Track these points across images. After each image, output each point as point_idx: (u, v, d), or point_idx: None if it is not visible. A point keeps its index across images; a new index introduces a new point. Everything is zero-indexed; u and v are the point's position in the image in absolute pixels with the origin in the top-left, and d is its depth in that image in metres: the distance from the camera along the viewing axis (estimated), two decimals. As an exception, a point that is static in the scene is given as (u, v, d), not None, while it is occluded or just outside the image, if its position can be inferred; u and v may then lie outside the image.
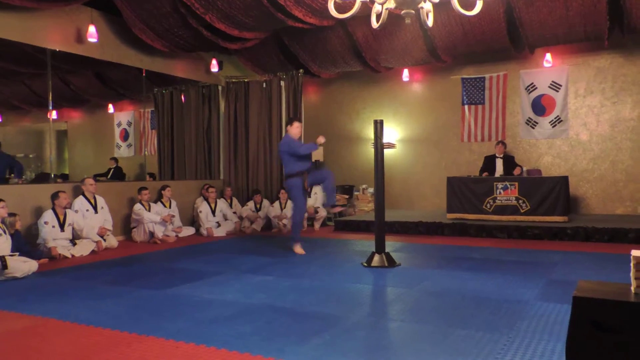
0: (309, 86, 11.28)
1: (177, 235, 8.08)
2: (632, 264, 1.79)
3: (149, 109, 10.81)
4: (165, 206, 8.19)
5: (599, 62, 8.79)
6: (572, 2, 7.01)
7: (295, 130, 6.58)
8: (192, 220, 9.11)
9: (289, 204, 9.08)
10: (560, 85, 9.05)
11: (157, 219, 7.74)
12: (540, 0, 7.11)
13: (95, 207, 7.13)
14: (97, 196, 7.25)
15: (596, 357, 1.67)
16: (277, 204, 9.11)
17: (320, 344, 3.09)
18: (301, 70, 9.54)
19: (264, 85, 9.82)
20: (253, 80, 10.00)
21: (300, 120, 6.70)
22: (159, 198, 8.29)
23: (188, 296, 4.34)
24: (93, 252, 6.70)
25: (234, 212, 9.08)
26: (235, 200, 9.46)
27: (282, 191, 9.14)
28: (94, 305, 4.09)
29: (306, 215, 9.13)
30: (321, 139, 6.40)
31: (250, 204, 9.20)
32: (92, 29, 7.46)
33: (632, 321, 1.64)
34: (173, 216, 8.15)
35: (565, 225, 7.34)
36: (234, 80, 10.11)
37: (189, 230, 8.58)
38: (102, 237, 6.98)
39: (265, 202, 9.29)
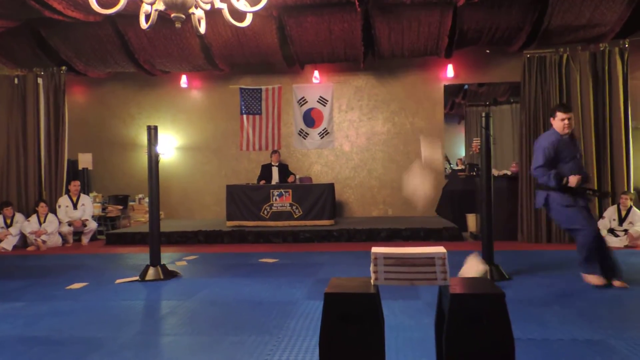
0: (75, 85, 10.19)
1: None
2: (371, 259, 2.03)
3: None
4: None
5: (357, 82, 9.98)
6: (334, 26, 7.81)
7: (557, 124, 4.60)
8: None
9: (50, 217, 8.01)
10: (327, 101, 9.99)
11: None
12: (307, 22, 7.73)
13: None
14: None
15: (343, 347, 1.84)
16: (34, 218, 7.93)
17: (78, 374, 2.76)
18: (63, 67, 8.53)
19: (16, 81, 8.49)
20: (1, 74, 8.57)
21: (564, 110, 4.58)
22: None
23: None
24: None
25: (-24, 230, 7.60)
26: (-24, 216, 7.93)
27: (42, 204, 8.01)
28: None
29: (72, 229, 8.20)
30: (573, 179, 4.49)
31: (-2, 219, 7.83)
32: None
33: (370, 310, 1.86)
34: None
35: (331, 228, 8.10)
36: (-26, 72, 8.51)
37: None
38: None
39: (19, 216, 8.01)
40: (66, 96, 8.67)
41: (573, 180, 4.44)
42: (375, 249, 2.05)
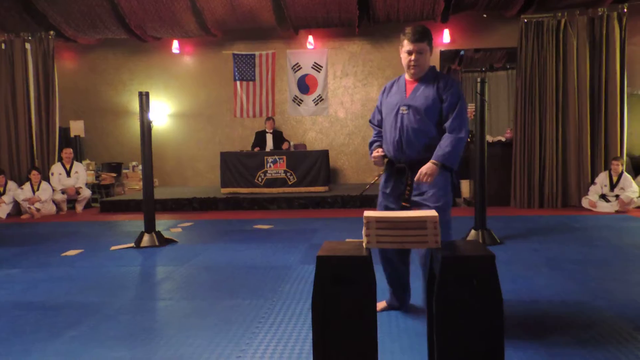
0: (64, 51, 9.99)
1: None
2: (364, 223, 2.04)
3: None
4: None
5: (352, 48, 9.83)
6: (329, -11, 7.65)
7: (402, 57, 2.91)
8: None
9: (43, 185, 7.98)
10: (321, 67, 9.87)
11: None
12: (301, -16, 7.56)
13: None
14: None
15: (335, 309, 1.86)
16: (27, 186, 7.90)
17: (75, 336, 2.80)
18: (52, 33, 8.34)
19: (3, 46, 8.31)
20: (-12, 39, 8.39)
21: (411, 37, 2.80)
22: None
23: None
24: None
25: (-31, 198, 7.58)
26: (-31, 184, 7.89)
27: (34, 172, 7.97)
28: None
29: (66, 196, 8.19)
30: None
31: (-9, 187, 7.80)
32: None
33: (363, 271, 1.88)
34: None
35: (326, 194, 8.13)
36: (-40, 37, 8.31)
37: None
38: None
39: (12, 184, 7.98)
40: (56, 62, 8.51)
41: (374, 154, 3.00)
42: (367, 213, 2.06)
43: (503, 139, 7.97)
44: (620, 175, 7.02)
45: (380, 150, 2.98)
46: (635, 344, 2.51)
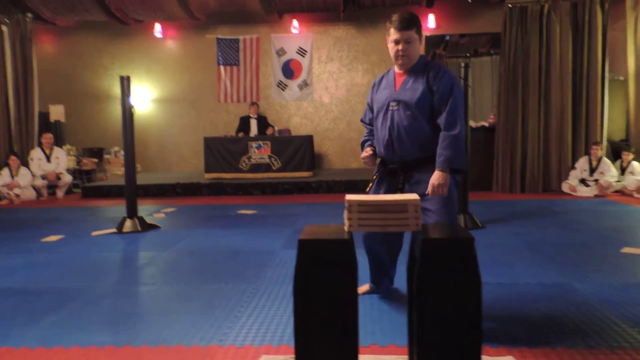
0: (43, 34, 9.76)
1: None
2: (346, 206, 2.04)
3: None
4: None
5: (337, 32, 9.77)
6: (313, -27, 7.56)
7: (389, 47, 2.71)
8: None
9: (22, 170, 7.85)
10: (306, 51, 9.79)
11: None
12: (285, -33, 7.46)
13: None
14: None
15: (317, 290, 1.87)
16: (5, 171, 7.76)
17: (55, 322, 2.78)
18: (29, 15, 8.13)
19: (-20, 28, 8.10)
20: (-37, 21, 8.16)
21: (398, 25, 2.58)
22: None
23: None
24: None
25: (-54, 184, 7.42)
26: (-54, 169, 7.72)
27: (12, 157, 7.82)
28: None
29: (46, 182, 8.07)
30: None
31: (-31, 172, 7.64)
32: None
33: (345, 255, 1.89)
34: None
35: (310, 179, 8.13)
36: None
37: None
38: None
39: (-10, 170, 7.84)
40: (34, 45, 8.32)
41: (363, 154, 2.85)
42: (349, 196, 2.06)
43: (486, 125, 8.02)
44: (599, 160, 7.13)
45: (369, 149, 2.80)
46: (609, 323, 2.57)
